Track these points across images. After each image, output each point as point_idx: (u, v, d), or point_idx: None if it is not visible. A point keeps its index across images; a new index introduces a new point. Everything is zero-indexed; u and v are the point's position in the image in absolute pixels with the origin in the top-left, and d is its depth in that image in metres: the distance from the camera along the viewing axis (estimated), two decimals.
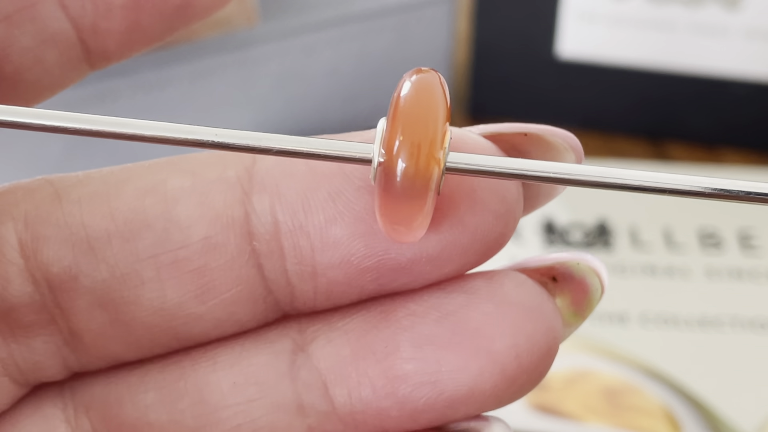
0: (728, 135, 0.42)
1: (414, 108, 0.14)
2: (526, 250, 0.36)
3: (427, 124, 0.14)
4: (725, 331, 0.33)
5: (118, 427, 0.17)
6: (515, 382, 0.16)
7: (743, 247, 0.36)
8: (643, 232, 0.37)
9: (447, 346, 0.16)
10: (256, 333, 0.17)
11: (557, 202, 0.38)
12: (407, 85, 0.15)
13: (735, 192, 0.15)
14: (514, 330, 0.16)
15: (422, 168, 0.14)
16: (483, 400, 0.16)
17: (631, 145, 0.43)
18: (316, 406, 0.17)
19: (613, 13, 0.41)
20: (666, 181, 0.15)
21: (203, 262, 0.16)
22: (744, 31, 0.40)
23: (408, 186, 0.14)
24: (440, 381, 0.16)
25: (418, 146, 0.14)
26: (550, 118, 0.45)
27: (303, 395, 0.17)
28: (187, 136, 0.15)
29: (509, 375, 0.16)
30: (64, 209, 0.16)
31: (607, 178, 0.15)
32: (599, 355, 0.32)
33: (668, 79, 0.42)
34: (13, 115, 0.15)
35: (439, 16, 0.42)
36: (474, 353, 0.16)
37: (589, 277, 0.17)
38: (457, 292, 0.17)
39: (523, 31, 0.42)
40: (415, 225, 0.15)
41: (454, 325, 0.16)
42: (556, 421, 0.30)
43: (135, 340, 0.17)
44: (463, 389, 0.16)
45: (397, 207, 0.15)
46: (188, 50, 0.37)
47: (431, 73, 0.15)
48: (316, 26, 0.39)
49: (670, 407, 0.30)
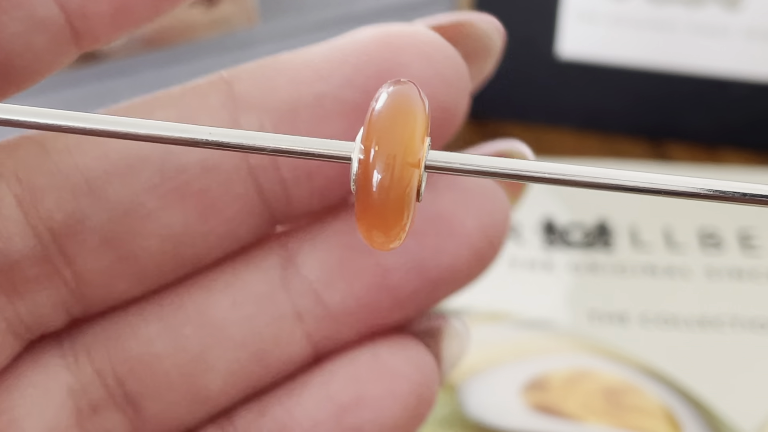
0: (728, 135, 0.42)
1: (389, 118, 0.14)
2: (526, 250, 0.36)
3: (403, 134, 0.14)
4: (725, 331, 0.33)
5: (124, 362, 0.18)
6: (484, 257, 0.18)
7: (743, 247, 0.36)
8: (643, 232, 0.37)
9: (425, 233, 0.18)
10: (244, 256, 0.18)
11: (557, 202, 0.38)
12: (383, 96, 0.15)
13: (731, 193, 0.15)
14: (478, 211, 0.18)
15: (397, 179, 0.14)
16: (460, 279, 0.18)
17: (630, 145, 0.43)
18: (312, 312, 0.18)
19: (613, 13, 0.41)
20: (653, 181, 0.15)
21: (203, 183, 0.17)
22: (744, 31, 0.40)
23: (384, 197, 0.14)
24: (424, 265, 0.18)
25: (393, 157, 0.14)
26: (550, 118, 0.45)
27: (298, 303, 0.18)
28: (180, 135, 0.15)
29: (479, 251, 0.18)
30: (53, 158, 0.17)
31: (587, 178, 0.15)
32: (599, 355, 0.32)
33: (668, 79, 0.42)
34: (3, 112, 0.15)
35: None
36: (449, 236, 0.18)
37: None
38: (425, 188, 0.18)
39: (523, 31, 0.42)
40: (392, 234, 0.15)
41: (428, 215, 0.18)
42: (556, 421, 0.30)
43: (141, 273, 0.17)
44: (444, 270, 0.18)
45: (374, 216, 0.15)
46: (188, 50, 0.37)
47: (408, 84, 0.15)
48: (316, 26, 0.39)
49: (670, 407, 0.30)
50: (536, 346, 0.32)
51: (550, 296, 0.34)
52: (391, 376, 0.18)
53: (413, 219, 0.15)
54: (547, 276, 0.35)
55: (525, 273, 0.35)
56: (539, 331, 0.33)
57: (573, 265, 0.35)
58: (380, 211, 0.14)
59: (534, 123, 0.44)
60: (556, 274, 0.35)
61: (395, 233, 0.15)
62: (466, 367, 0.31)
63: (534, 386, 0.31)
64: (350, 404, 0.18)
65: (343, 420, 0.18)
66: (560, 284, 0.35)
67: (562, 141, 0.43)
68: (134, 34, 0.18)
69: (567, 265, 0.35)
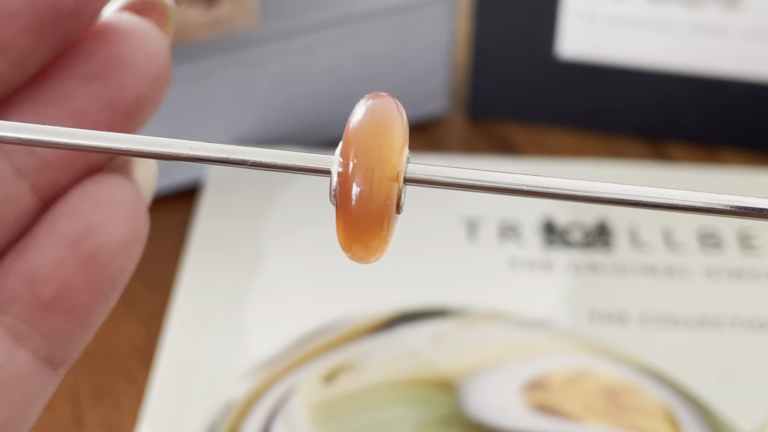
0: (728, 135, 0.42)
1: (367, 132, 0.14)
2: (526, 250, 0.36)
3: (381, 148, 0.14)
4: (725, 331, 0.33)
5: None
6: (160, 81, 0.21)
7: (743, 247, 0.36)
8: (643, 232, 0.37)
9: (109, 74, 0.20)
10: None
11: (557, 202, 0.38)
12: (361, 109, 0.15)
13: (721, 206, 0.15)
14: (144, 48, 0.20)
15: (376, 192, 0.14)
16: (147, 106, 0.20)
17: (630, 145, 0.43)
18: (30, 166, 0.19)
19: (613, 13, 0.41)
20: (635, 193, 0.15)
21: None
22: (744, 31, 0.40)
23: (363, 210, 0.14)
24: (115, 103, 0.20)
25: (372, 171, 0.14)
26: (550, 118, 0.45)
27: (16, 161, 0.19)
28: (161, 149, 0.15)
29: (155, 78, 0.21)
30: None
31: (564, 191, 0.15)
32: (599, 355, 0.32)
33: (668, 79, 0.42)
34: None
35: (439, 16, 0.42)
36: (127, 72, 0.20)
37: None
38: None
39: (523, 31, 0.42)
40: (373, 247, 0.15)
41: (107, 58, 0.20)
42: (556, 421, 0.30)
43: None
44: (130, 102, 0.20)
45: (354, 230, 0.15)
46: (188, 50, 0.37)
47: (387, 97, 0.15)
48: (316, 26, 0.39)
49: (670, 407, 0.30)
50: (536, 346, 0.32)
51: (550, 296, 0.34)
52: (109, 204, 0.20)
53: (393, 231, 0.15)
54: (547, 276, 0.35)
55: (525, 273, 0.35)
56: (539, 331, 0.33)
57: (573, 265, 0.35)
58: (360, 225, 0.14)
59: (534, 123, 0.44)
60: (556, 274, 0.35)
61: (376, 246, 0.15)
62: (466, 366, 0.31)
63: (534, 386, 0.31)
64: (81, 235, 0.19)
65: (80, 250, 0.19)
66: (560, 284, 0.35)
67: (562, 141, 0.43)
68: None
69: (567, 265, 0.35)
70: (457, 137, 0.43)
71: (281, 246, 0.36)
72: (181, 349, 0.32)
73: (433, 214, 0.37)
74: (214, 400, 0.30)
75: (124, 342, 0.33)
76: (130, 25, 0.20)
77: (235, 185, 0.39)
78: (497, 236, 0.36)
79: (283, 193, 0.38)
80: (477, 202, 0.38)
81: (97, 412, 0.31)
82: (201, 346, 0.32)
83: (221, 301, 0.34)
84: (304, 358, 0.32)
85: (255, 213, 0.37)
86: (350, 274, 0.35)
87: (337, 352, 0.32)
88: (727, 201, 0.14)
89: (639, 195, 0.15)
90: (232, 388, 0.31)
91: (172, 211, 0.39)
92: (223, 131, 0.40)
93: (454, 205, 0.38)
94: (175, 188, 0.40)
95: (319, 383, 0.31)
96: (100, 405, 0.31)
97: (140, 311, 0.34)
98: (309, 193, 0.38)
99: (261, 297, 0.34)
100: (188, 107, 0.38)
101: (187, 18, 0.36)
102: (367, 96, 0.15)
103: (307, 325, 0.33)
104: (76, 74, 0.20)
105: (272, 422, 0.30)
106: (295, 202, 0.38)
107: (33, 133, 0.15)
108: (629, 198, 0.15)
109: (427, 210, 0.37)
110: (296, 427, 0.30)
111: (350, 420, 0.30)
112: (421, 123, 0.43)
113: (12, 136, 0.15)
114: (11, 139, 0.15)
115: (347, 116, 0.15)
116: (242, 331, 0.33)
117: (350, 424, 0.30)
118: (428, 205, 0.38)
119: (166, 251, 0.37)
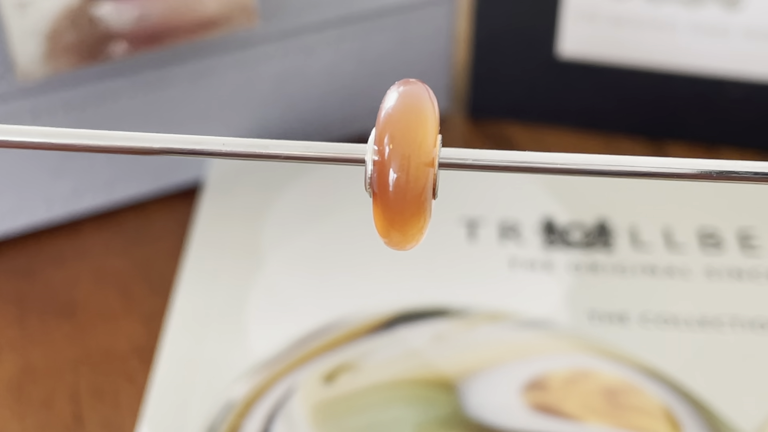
0: (728, 135, 0.42)
1: (401, 119, 0.14)
2: (526, 250, 0.36)
3: (416, 135, 0.14)
4: (725, 331, 0.33)
5: None
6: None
7: (743, 247, 0.36)
8: (643, 232, 0.37)
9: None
10: None
11: (557, 202, 0.38)
12: (393, 96, 0.15)
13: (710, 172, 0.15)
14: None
15: (413, 179, 0.14)
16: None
17: (630, 145, 0.43)
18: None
19: (613, 13, 0.41)
20: (659, 165, 0.15)
21: None
22: (744, 31, 0.40)
23: (401, 198, 0.14)
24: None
25: (408, 157, 0.14)
26: (550, 118, 0.45)
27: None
28: (194, 147, 0.15)
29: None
30: None
31: (593, 166, 0.15)
32: (599, 355, 0.32)
33: (668, 79, 0.42)
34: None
35: (439, 16, 0.42)
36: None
37: None
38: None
39: (523, 30, 0.42)
40: (410, 235, 0.15)
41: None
42: (556, 421, 0.30)
43: None
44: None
45: (392, 217, 0.15)
46: (188, 50, 0.37)
47: (418, 83, 0.15)
48: (316, 26, 0.39)
49: (670, 407, 0.30)
50: (536, 346, 0.32)
51: (550, 296, 0.34)
52: None
53: (430, 217, 0.15)
54: (547, 276, 0.35)
55: (525, 273, 0.35)
56: (539, 331, 0.33)
57: (573, 265, 0.35)
58: (399, 212, 0.14)
59: (534, 123, 0.44)
60: (556, 274, 0.35)
61: (413, 233, 0.15)
62: (466, 367, 0.31)
63: (534, 386, 0.31)
64: None
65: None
66: (560, 284, 0.35)
67: (562, 141, 0.43)
68: (138, 32, 0.18)
69: (567, 265, 0.35)
70: (457, 137, 0.43)
71: (281, 246, 0.36)
72: (181, 349, 0.32)
73: (434, 214, 0.37)
74: (214, 400, 0.30)
75: (124, 342, 0.33)
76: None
77: (235, 185, 0.39)
78: (497, 236, 0.36)
79: (283, 193, 0.38)
80: (477, 201, 0.38)
81: (97, 412, 0.31)
82: (201, 346, 0.32)
83: (221, 301, 0.34)
84: (304, 358, 0.32)
85: (255, 213, 0.37)
86: (350, 274, 0.35)
87: (337, 352, 0.32)
88: (693, 165, 0.15)
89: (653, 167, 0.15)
90: (232, 388, 0.31)
91: (172, 211, 0.39)
92: (224, 131, 0.40)
93: (454, 205, 0.38)
94: (175, 188, 0.40)
95: (319, 383, 0.31)
96: (100, 405, 0.31)
97: (140, 311, 0.34)
98: (309, 192, 0.38)
99: (261, 297, 0.34)
100: (188, 107, 0.38)
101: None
102: (398, 83, 0.15)
103: (307, 325, 0.33)
104: None
105: (272, 422, 0.30)
106: (295, 202, 0.38)
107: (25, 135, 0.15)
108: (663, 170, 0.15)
109: None
110: (296, 427, 0.30)
111: (350, 420, 0.30)
112: None
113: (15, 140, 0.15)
114: (12, 143, 0.15)
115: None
116: (242, 331, 0.33)
117: (350, 424, 0.30)
118: None
119: (166, 251, 0.37)
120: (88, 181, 0.38)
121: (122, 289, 0.35)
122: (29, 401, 0.31)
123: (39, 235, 0.38)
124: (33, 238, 0.38)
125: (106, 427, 0.31)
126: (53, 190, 0.37)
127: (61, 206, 0.38)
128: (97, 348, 0.33)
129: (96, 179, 0.38)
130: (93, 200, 0.38)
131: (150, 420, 0.30)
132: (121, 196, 0.39)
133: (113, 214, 0.39)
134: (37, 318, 0.34)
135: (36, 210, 0.37)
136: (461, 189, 0.39)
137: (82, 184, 0.38)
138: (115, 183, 0.38)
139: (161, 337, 0.33)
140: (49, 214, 0.37)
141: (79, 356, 0.33)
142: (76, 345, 0.33)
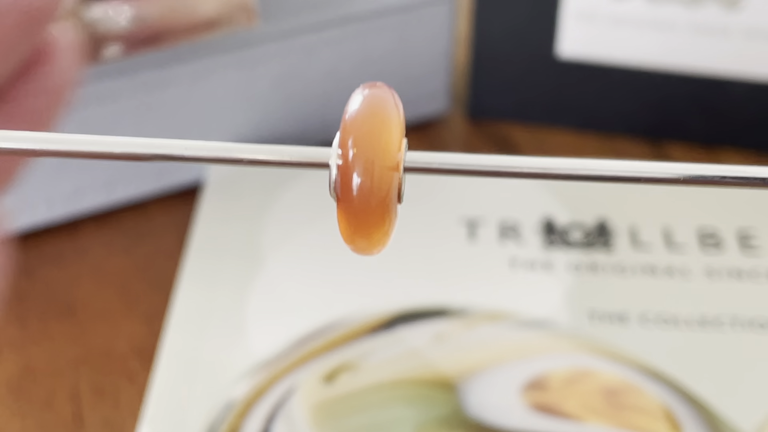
0: (728, 135, 0.42)
1: (364, 123, 0.14)
2: (526, 250, 0.36)
3: (380, 139, 0.14)
4: (725, 331, 0.33)
5: None
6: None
7: (743, 247, 0.36)
8: (643, 232, 0.37)
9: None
10: None
11: (557, 202, 0.38)
12: (357, 99, 0.14)
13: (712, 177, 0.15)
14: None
15: (377, 184, 0.14)
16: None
17: (630, 145, 0.43)
18: None
19: (613, 13, 0.41)
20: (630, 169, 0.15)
21: None
22: (744, 31, 0.40)
23: (365, 202, 0.14)
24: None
25: (372, 162, 0.14)
26: (550, 118, 0.45)
27: None
28: (157, 151, 0.15)
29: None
30: None
31: (565, 171, 0.15)
32: (599, 355, 0.32)
33: (668, 79, 0.42)
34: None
35: (439, 16, 0.42)
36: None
37: None
38: None
39: (523, 31, 0.42)
40: (375, 240, 0.15)
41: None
42: (556, 420, 0.30)
43: None
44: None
45: (356, 222, 0.14)
46: (188, 50, 0.37)
47: (382, 87, 0.15)
48: (316, 26, 0.39)
49: (670, 407, 0.30)
50: (536, 346, 0.32)
51: (550, 296, 0.34)
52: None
53: (395, 222, 0.15)
54: (547, 276, 0.35)
55: (525, 273, 0.35)
56: (539, 331, 0.33)
57: (573, 265, 0.35)
58: (363, 218, 0.14)
59: (534, 123, 0.44)
60: (556, 274, 0.35)
61: (378, 238, 0.15)
62: (466, 366, 0.31)
63: (534, 386, 0.31)
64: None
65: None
66: (560, 284, 0.35)
67: (561, 141, 0.43)
68: (134, 34, 0.18)
69: (567, 265, 0.35)
70: (457, 137, 0.43)
71: (281, 246, 0.36)
72: (181, 349, 0.32)
73: (433, 214, 0.37)
74: (214, 400, 0.30)
75: (124, 342, 0.33)
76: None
77: (235, 185, 0.39)
78: (497, 236, 0.36)
79: (283, 193, 0.38)
80: (477, 202, 0.38)
81: (97, 412, 0.31)
82: (201, 346, 0.32)
83: (221, 301, 0.34)
84: (304, 358, 0.32)
85: (255, 213, 0.37)
86: (350, 274, 0.35)
87: (337, 352, 0.32)
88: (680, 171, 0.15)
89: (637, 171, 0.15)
90: (232, 388, 0.31)
91: (172, 211, 0.39)
92: (223, 131, 0.40)
93: (454, 205, 0.38)
94: (175, 188, 0.40)
95: (319, 383, 0.31)
96: (100, 405, 0.31)
97: (140, 311, 0.34)
98: (309, 192, 0.38)
99: (261, 297, 0.34)
100: (188, 107, 0.38)
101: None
102: (363, 86, 0.15)
103: (307, 325, 0.33)
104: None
105: (272, 422, 0.30)
106: (295, 202, 0.38)
107: (26, 142, 0.15)
108: (626, 174, 0.15)
109: (427, 210, 0.37)
110: (296, 427, 0.30)
111: (350, 420, 0.30)
112: (421, 123, 0.43)
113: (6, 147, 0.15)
114: (5, 150, 0.15)
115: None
116: (242, 331, 0.33)
117: (350, 424, 0.30)
118: (428, 205, 0.38)
119: (166, 251, 0.37)
120: (88, 181, 0.38)
121: (122, 288, 0.35)
122: (29, 401, 0.31)
123: (39, 235, 0.38)
124: (33, 238, 0.38)
125: (106, 426, 0.31)
126: (53, 190, 0.37)
127: (61, 206, 0.38)
128: (97, 348, 0.33)
129: (96, 179, 0.38)
130: (93, 200, 0.38)
131: (150, 420, 0.30)
132: (121, 196, 0.39)
133: (113, 214, 0.39)
134: (37, 318, 0.34)
135: (36, 210, 0.37)
136: (461, 189, 0.39)
137: (82, 184, 0.38)
138: (115, 183, 0.38)
139: (161, 337, 0.33)
140: (50, 214, 0.37)
141: (79, 356, 0.33)
142: (76, 345, 0.33)
